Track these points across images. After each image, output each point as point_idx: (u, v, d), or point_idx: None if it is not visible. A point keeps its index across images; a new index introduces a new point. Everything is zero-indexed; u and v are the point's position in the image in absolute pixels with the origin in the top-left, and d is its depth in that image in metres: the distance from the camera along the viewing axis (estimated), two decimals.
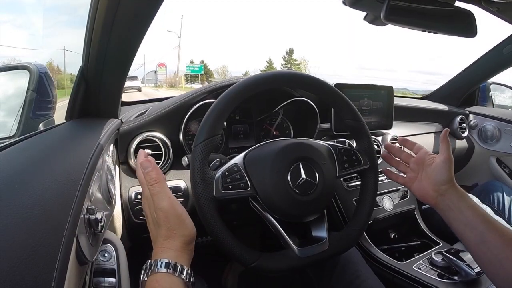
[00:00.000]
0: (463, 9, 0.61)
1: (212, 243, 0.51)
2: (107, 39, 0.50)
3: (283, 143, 0.54)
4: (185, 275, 0.41)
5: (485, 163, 1.43)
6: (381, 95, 1.07)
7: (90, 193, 0.42)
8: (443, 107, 1.40)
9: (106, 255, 0.52)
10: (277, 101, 0.87)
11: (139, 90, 15.11)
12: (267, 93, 0.76)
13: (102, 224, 0.42)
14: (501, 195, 1.09)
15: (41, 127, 0.79)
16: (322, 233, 0.55)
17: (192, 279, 0.42)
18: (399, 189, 0.98)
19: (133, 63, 0.57)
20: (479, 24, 0.62)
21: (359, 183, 0.63)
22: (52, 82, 0.89)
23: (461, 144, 1.40)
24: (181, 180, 0.73)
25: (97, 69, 0.57)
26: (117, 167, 0.71)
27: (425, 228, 0.97)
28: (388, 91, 1.09)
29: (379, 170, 0.64)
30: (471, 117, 1.45)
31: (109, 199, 0.56)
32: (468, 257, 0.70)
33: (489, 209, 0.95)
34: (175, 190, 0.71)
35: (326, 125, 0.96)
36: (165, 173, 0.74)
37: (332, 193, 0.57)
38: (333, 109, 0.94)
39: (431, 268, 0.77)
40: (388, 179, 0.96)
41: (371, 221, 0.88)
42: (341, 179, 0.90)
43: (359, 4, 0.64)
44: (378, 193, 0.63)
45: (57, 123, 0.76)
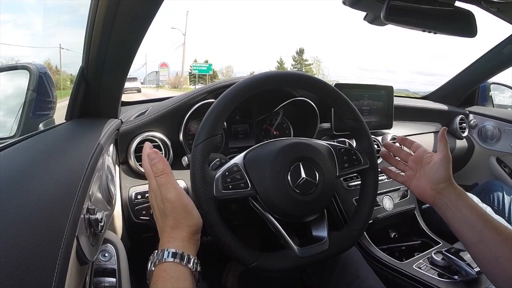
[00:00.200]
0: (463, 9, 0.61)
1: (212, 243, 0.51)
2: (107, 39, 0.50)
3: (283, 143, 0.54)
4: (192, 265, 0.41)
5: (485, 162, 1.43)
6: (381, 95, 1.07)
7: (90, 193, 0.42)
8: (443, 107, 1.40)
9: (106, 255, 0.52)
10: (277, 101, 0.87)
11: (139, 91, 15.10)
12: (267, 93, 0.76)
13: (102, 224, 0.42)
14: (501, 194, 1.09)
15: (41, 127, 0.79)
16: (322, 232, 0.55)
17: (199, 269, 0.43)
18: (399, 189, 0.98)
19: (134, 63, 0.58)
20: (479, 24, 0.62)
21: (359, 182, 0.63)
22: (52, 82, 0.89)
23: (461, 143, 1.40)
24: (181, 180, 0.73)
25: (97, 69, 0.57)
26: (117, 167, 0.71)
27: (425, 227, 0.97)
28: (388, 91, 1.09)
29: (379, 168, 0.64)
30: (471, 116, 1.45)
31: (109, 199, 0.56)
32: (468, 256, 0.69)
33: (489, 208, 0.95)
34: None
35: (326, 125, 0.96)
36: None
37: (332, 193, 0.57)
38: (333, 109, 0.94)
39: (431, 267, 0.77)
40: (388, 178, 0.96)
41: (371, 221, 0.88)
42: (341, 178, 0.90)
43: (359, 4, 0.64)
44: (378, 192, 0.63)
45: (57, 123, 0.76)
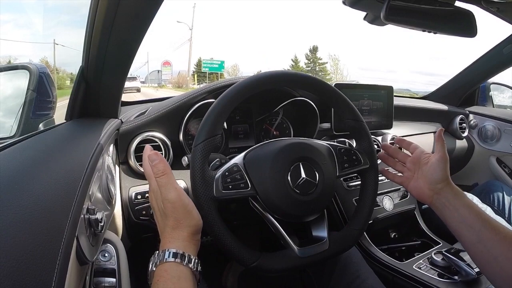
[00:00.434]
0: (463, 9, 0.61)
1: (212, 243, 0.51)
2: (107, 39, 0.50)
3: (283, 143, 0.54)
4: (192, 264, 0.42)
5: (485, 163, 1.43)
6: (381, 95, 1.07)
7: (90, 193, 0.42)
8: (443, 107, 1.40)
9: (106, 255, 0.52)
10: (277, 101, 0.87)
11: (138, 90, 15.11)
12: (267, 93, 0.76)
13: (102, 224, 0.42)
14: (501, 194, 1.09)
15: (41, 127, 0.79)
16: (322, 233, 0.55)
17: (199, 269, 0.43)
18: (399, 189, 0.98)
19: (135, 61, 0.58)
20: (479, 24, 0.62)
21: (359, 183, 0.63)
22: (52, 82, 0.89)
23: (461, 144, 1.40)
24: (181, 180, 0.73)
25: (97, 69, 0.57)
26: (117, 167, 0.71)
27: (425, 227, 0.97)
28: (388, 91, 1.09)
29: None
30: (471, 117, 1.45)
31: (109, 199, 0.56)
32: (468, 257, 0.69)
33: (489, 209, 0.95)
34: None
35: (326, 125, 0.96)
36: None
37: (332, 193, 0.57)
38: (333, 109, 0.94)
39: (431, 267, 0.77)
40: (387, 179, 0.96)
41: (371, 221, 0.88)
42: (341, 179, 0.90)
43: (359, 4, 0.64)
44: (378, 193, 0.63)
45: (57, 123, 0.76)
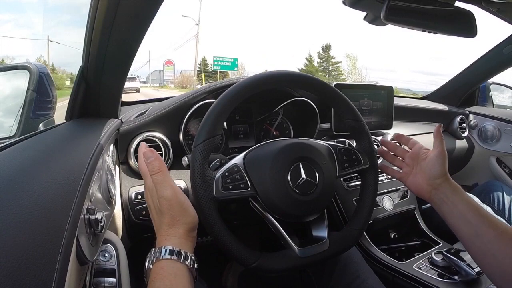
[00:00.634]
0: (463, 9, 0.61)
1: (212, 243, 0.51)
2: (107, 39, 0.50)
3: (283, 143, 0.54)
4: (189, 261, 0.42)
5: (485, 163, 1.43)
6: (381, 95, 1.07)
7: (90, 193, 0.42)
8: (443, 107, 1.40)
9: (106, 255, 0.52)
10: (277, 101, 0.87)
11: (138, 91, 15.11)
12: (267, 93, 0.76)
13: (102, 224, 0.42)
14: (501, 194, 1.09)
15: (41, 127, 0.79)
16: (322, 233, 0.55)
17: (196, 266, 0.43)
18: (399, 189, 0.98)
19: (136, 61, 0.58)
20: (479, 24, 0.62)
21: (359, 183, 0.63)
22: (52, 82, 0.89)
23: (461, 144, 1.40)
24: (181, 180, 0.73)
25: (97, 69, 0.57)
26: (117, 167, 0.71)
27: (425, 228, 0.97)
28: (388, 91, 1.09)
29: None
30: (471, 117, 1.45)
31: (109, 199, 0.56)
32: (468, 257, 0.69)
33: (489, 209, 0.95)
34: None
35: (326, 125, 0.96)
36: None
37: (332, 193, 0.57)
38: (333, 109, 0.94)
39: (431, 267, 0.77)
40: (388, 178, 0.96)
41: (371, 221, 0.88)
42: (341, 179, 0.90)
43: (359, 4, 0.64)
44: (378, 193, 0.63)
45: (57, 123, 0.76)
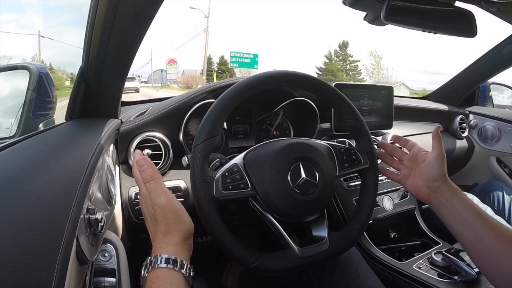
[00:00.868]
0: (463, 9, 0.61)
1: (212, 243, 0.51)
2: (107, 39, 0.50)
3: (283, 143, 0.54)
4: (185, 270, 0.41)
5: (485, 163, 1.43)
6: (381, 95, 1.07)
7: (90, 193, 0.42)
8: (443, 107, 1.40)
9: (106, 255, 0.52)
10: (277, 101, 0.87)
11: (137, 91, 15.11)
12: (267, 93, 0.76)
13: (102, 224, 0.42)
14: (501, 194, 1.09)
15: (41, 127, 0.79)
16: (322, 232, 0.55)
17: (192, 274, 0.43)
18: (399, 189, 0.98)
19: (138, 60, 0.58)
20: (479, 24, 0.62)
21: (359, 183, 0.63)
22: (52, 82, 0.89)
23: (461, 144, 1.40)
24: (181, 180, 0.73)
25: (97, 69, 0.57)
26: (117, 167, 0.71)
27: (425, 227, 0.97)
28: (388, 91, 1.09)
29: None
30: (471, 117, 1.45)
31: (109, 199, 0.56)
32: (468, 257, 0.70)
33: (489, 209, 0.95)
34: (175, 190, 0.71)
35: (326, 125, 0.96)
36: (165, 173, 0.74)
37: (332, 193, 0.57)
38: (333, 109, 0.94)
39: (431, 267, 0.77)
40: (387, 178, 0.96)
41: (371, 221, 0.88)
42: (341, 179, 0.90)
43: (359, 4, 0.64)
44: (378, 193, 0.63)
45: (57, 123, 0.76)
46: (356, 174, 0.63)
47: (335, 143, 0.60)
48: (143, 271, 0.41)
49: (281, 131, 0.94)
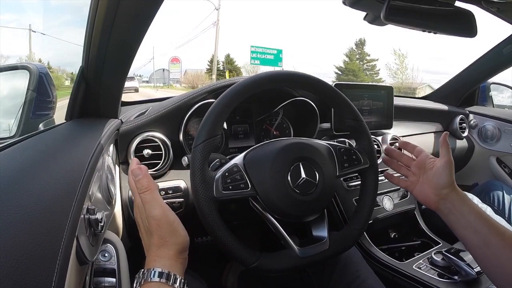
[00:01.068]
0: (463, 9, 0.61)
1: (212, 243, 0.51)
2: (107, 39, 0.50)
3: (283, 143, 0.54)
4: (178, 284, 0.40)
5: (485, 162, 1.43)
6: (381, 95, 1.07)
7: (90, 193, 0.42)
8: (443, 107, 1.40)
9: (106, 255, 0.52)
10: (277, 101, 0.87)
11: (137, 90, 15.07)
12: (267, 93, 0.76)
13: (102, 224, 0.42)
14: (501, 194, 1.09)
15: (41, 127, 0.79)
16: (322, 232, 0.55)
17: None
18: (399, 189, 0.98)
19: (140, 59, 0.58)
20: (479, 24, 0.62)
21: (359, 182, 0.63)
22: (52, 82, 0.89)
23: (461, 144, 1.40)
24: (181, 180, 0.73)
25: (97, 69, 0.57)
26: (117, 167, 0.71)
27: (425, 227, 0.97)
28: (388, 91, 1.09)
29: (380, 170, 0.64)
30: (471, 117, 1.45)
31: (109, 199, 0.56)
32: (468, 257, 0.70)
33: (489, 208, 0.95)
34: (175, 190, 0.71)
35: (326, 125, 0.96)
36: (165, 173, 0.74)
37: (332, 192, 0.57)
38: (333, 109, 0.94)
39: (431, 267, 0.77)
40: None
41: (371, 221, 0.88)
42: (341, 179, 0.90)
43: (359, 4, 0.64)
44: (378, 193, 0.63)
45: (57, 123, 0.76)
46: (356, 174, 0.63)
47: (335, 143, 0.60)
48: (135, 284, 0.40)
49: (281, 131, 0.94)
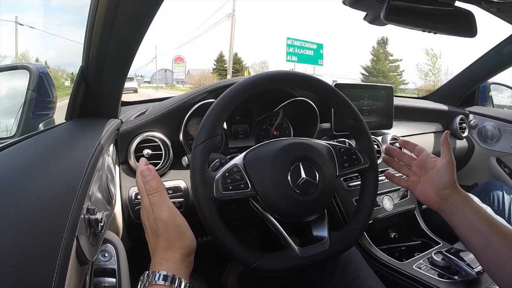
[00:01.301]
0: (463, 9, 0.61)
1: (212, 243, 0.51)
2: (107, 39, 0.50)
3: (283, 143, 0.54)
4: None
5: (485, 163, 1.43)
6: (381, 95, 1.07)
7: (90, 193, 0.42)
8: (443, 107, 1.40)
9: (106, 255, 0.52)
10: (277, 101, 0.87)
11: (135, 91, 15.05)
12: (267, 93, 0.76)
13: (102, 224, 0.42)
14: (501, 194, 1.09)
15: (41, 127, 0.79)
16: (322, 232, 0.55)
17: None
18: (399, 189, 0.98)
19: (142, 58, 0.58)
20: (479, 24, 0.62)
21: (359, 183, 0.63)
22: (52, 82, 0.89)
23: (461, 144, 1.40)
24: (181, 180, 0.73)
25: (97, 69, 0.57)
26: (117, 167, 0.71)
27: (425, 227, 0.97)
28: (388, 91, 1.09)
29: (380, 170, 0.64)
30: (471, 117, 1.45)
31: (109, 199, 0.56)
32: (468, 257, 0.70)
33: (489, 208, 0.95)
34: (175, 190, 0.71)
35: (326, 125, 0.96)
36: (165, 173, 0.74)
37: (332, 192, 0.57)
38: (333, 109, 0.94)
39: (431, 267, 0.77)
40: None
41: (371, 221, 0.88)
42: (341, 179, 0.90)
43: (359, 4, 0.64)
44: (378, 193, 0.63)
45: (57, 123, 0.76)
46: (356, 174, 0.63)
47: (335, 143, 0.60)
48: (139, 286, 0.40)
49: (281, 131, 0.94)
